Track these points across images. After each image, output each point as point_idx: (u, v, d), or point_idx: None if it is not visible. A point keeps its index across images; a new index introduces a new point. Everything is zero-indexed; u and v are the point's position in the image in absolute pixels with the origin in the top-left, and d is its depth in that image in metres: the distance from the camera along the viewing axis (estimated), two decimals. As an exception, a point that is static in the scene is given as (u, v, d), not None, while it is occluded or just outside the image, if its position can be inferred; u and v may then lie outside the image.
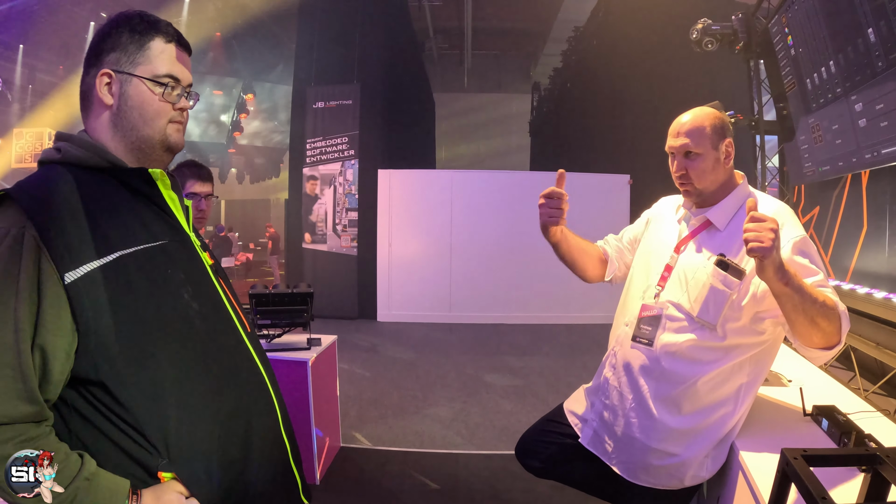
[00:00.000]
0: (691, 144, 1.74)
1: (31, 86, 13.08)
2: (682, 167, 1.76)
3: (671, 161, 1.82)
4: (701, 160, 1.74)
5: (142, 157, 1.19)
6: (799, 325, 1.46)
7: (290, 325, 3.41)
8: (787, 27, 3.80)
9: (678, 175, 1.79)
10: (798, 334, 1.51)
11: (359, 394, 5.07)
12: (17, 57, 12.54)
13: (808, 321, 1.43)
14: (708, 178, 1.75)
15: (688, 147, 1.74)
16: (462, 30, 16.39)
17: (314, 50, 9.19)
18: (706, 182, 1.75)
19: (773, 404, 2.01)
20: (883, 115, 2.73)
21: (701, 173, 1.75)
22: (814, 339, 1.48)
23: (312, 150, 8.87)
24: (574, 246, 2.06)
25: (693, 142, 1.74)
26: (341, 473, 3.51)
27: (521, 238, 8.32)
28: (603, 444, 1.88)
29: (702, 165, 1.74)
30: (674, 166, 1.80)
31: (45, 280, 0.99)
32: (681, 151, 1.76)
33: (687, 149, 1.75)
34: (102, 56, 1.15)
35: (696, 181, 1.75)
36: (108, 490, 1.00)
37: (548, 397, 5.00)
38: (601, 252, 2.17)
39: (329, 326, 4.78)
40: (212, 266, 1.27)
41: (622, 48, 9.70)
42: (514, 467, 2.99)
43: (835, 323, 1.46)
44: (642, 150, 8.73)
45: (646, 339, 1.77)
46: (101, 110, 1.16)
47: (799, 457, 1.12)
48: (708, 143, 1.74)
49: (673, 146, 1.79)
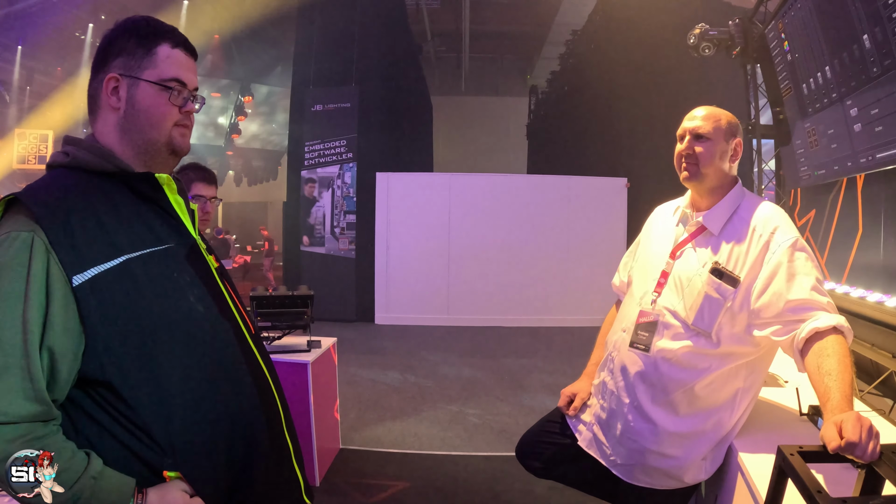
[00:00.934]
0: (706, 128, 1.76)
1: (28, 87, 13.08)
2: (692, 147, 1.77)
3: (680, 143, 1.82)
4: (711, 144, 1.75)
5: (148, 161, 1.20)
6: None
7: (291, 328, 3.42)
8: (784, 32, 3.83)
9: (686, 154, 1.79)
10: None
11: (358, 396, 5.08)
12: (16, 58, 12.54)
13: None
14: (712, 166, 1.76)
15: (701, 129, 1.76)
16: (460, 33, 16.45)
17: (312, 53, 9.22)
18: (710, 168, 1.76)
19: (769, 405, 2.03)
20: (878, 119, 2.76)
21: (709, 157, 1.75)
22: None
23: (311, 153, 8.89)
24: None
25: (709, 126, 1.76)
26: (341, 475, 3.52)
27: (519, 241, 8.35)
28: (601, 446, 1.90)
29: (711, 150, 1.75)
30: (683, 145, 1.80)
31: (53, 283, 1.00)
32: (694, 132, 1.78)
33: (700, 131, 1.76)
34: (110, 60, 1.17)
35: (702, 164, 1.76)
36: (113, 488, 1.01)
37: (546, 400, 5.02)
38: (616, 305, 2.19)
39: (327, 329, 4.79)
40: (217, 269, 1.29)
41: (619, 52, 9.74)
42: (513, 469, 3.01)
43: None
44: (640, 154, 8.77)
45: (643, 346, 1.78)
46: (109, 114, 1.18)
47: (795, 453, 1.14)
48: (721, 133, 1.76)
49: (687, 127, 1.80)
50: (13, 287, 0.98)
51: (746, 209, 1.76)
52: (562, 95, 14.82)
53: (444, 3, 14.83)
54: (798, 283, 1.57)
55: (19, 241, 1.00)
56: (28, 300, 0.98)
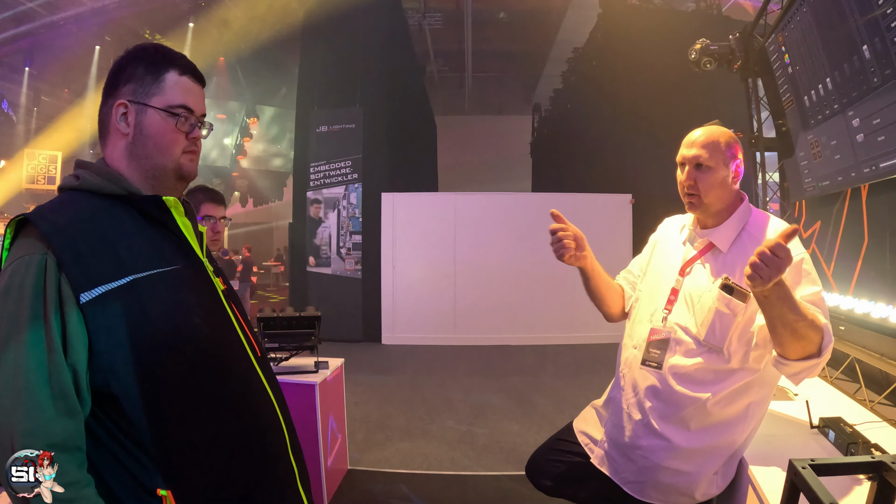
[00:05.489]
0: (705, 157, 1.75)
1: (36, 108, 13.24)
2: (692, 178, 1.77)
3: (680, 171, 1.82)
4: (711, 174, 1.75)
5: (156, 185, 1.22)
6: (780, 331, 1.47)
7: (298, 349, 3.42)
8: (784, 45, 3.86)
9: (687, 186, 1.79)
10: (777, 342, 1.51)
11: (365, 416, 5.06)
12: (23, 79, 12.71)
13: (790, 331, 1.45)
14: (715, 194, 1.76)
15: (701, 159, 1.75)
16: (462, 53, 16.58)
17: (317, 74, 9.30)
18: (712, 197, 1.76)
19: (780, 418, 2.02)
20: (880, 129, 2.76)
21: (710, 187, 1.75)
22: (793, 346, 1.49)
23: (316, 174, 8.94)
24: (603, 283, 2.05)
25: (707, 154, 1.75)
26: (349, 496, 3.50)
27: (525, 259, 8.33)
28: (613, 462, 1.89)
29: (711, 179, 1.75)
30: (683, 176, 1.80)
31: (65, 302, 1.03)
32: (693, 162, 1.77)
33: (700, 160, 1.75)
34: (119, 87, 1.20)
35: (704, 195, 1.76)
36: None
37: (555, 418, 4.98)
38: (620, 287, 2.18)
39: (334, 349, 4.78)
40: (224, 291, 1.30)
41: (621, 68, 9.80)
42: (522, 488, 2.98)
43: (815, 332, 1.47)
44: (644, 170, 8.78)
45: (655, 363, 1.78)
46: (118, 139, 1.21)
47: (807, 466, 1.13)
48: (721, 158, 1.75)
49: (686, 156, 1.79)
50: (32, 311, 1.01)
51: (755, 225, 1.76)
52: (565, 113, 14.91)
53: (447, 23, 14.97)
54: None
55: (34, 266, 1.03)
56: (48, 323, 1.01)
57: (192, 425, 1.12)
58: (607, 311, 2.10)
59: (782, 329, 1.46)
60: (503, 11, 14.27)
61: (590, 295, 2.08)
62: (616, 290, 2.10)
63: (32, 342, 1.00)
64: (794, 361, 1.51)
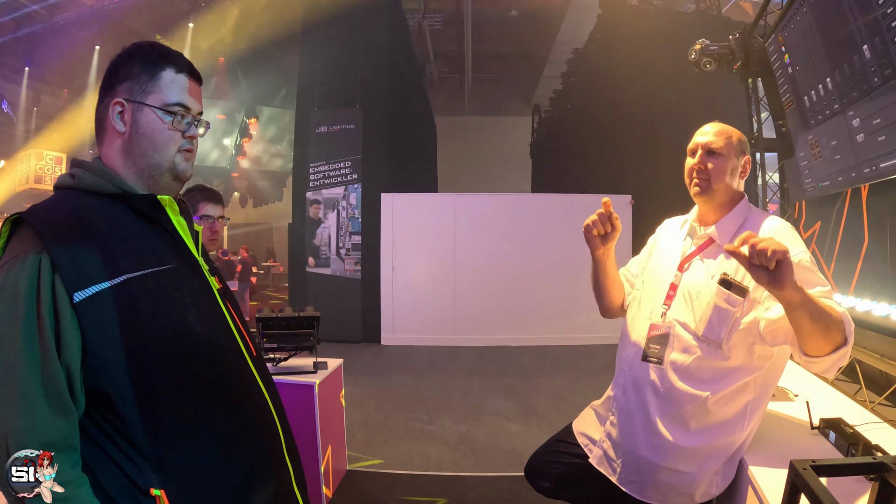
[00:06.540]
0: (719, 144, 1.78)
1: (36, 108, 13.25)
2: (704, 162, 1.79)
3: (691, 157, 1.84)
4: (723, 160, 1.78)
5: (151, 184, 1.22)
6: (809, 330, 1.42)
7: (297, 349, 3.41)
8: (784, 45, 3.85)
9: (697, 169, 1.81)
10: (807, 343, 1.47)
11: (364, 417, 5.06)
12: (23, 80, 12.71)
13: (821, 327, 1.41)
14: (723, 182, 1.78)
15: (714, 145, 1.78)
16: (462, 53, 16.57)
17: (317, 75, 9.30)
18: (720, 184, 1.78)
19: (780, 419, 2.01)
20: (880, 129, 2.76)
21: (720, 173, 1.78)
22: (824, 343, 1.45)
23: (316, 174, 8.93)
24: (610, 276, 2.05)
25: (721, 142, 1.78)
26: (348, 497, 3.49)
27: (525, 260, 8.33)
28: (612, 463, 1.88)
29: (722, 165, 1.78)
30: (695, 160, 1.82)
31: (59, 301, 1.02)
32: (706, 148, 1.80)
33: (712, 147, 1.79)
34: (116, 85, 1.20)
35: (714, 180, 1.78)
36: None
37: (554, 419, 4.98)
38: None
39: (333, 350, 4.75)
40: (219, 290, 1.30)
41: (621, 69, 9.79)
42: (521, 489, 2.97)
43: (838, 323, 1.44)
44: (643, 170, 8.78)
45: (655, 359, 1.79)
46: (114, 138, 1.20)
47: (808, 467, 1.13)
48: (733, 149, 1.79)
49: (699, 142, 1.82)
50: (26, 311, 1.01)
51: (753, 222, 1.77)
52: (564, 113, 14.90)
53: (447, 24, 14.96)
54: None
55: (28, 265, 1.03)
56: (41, 322, 1.01)
57: (186, 425, 1.12)
58: (608, 304, 2.10)
59: (811, 328, 1.41)
60: (514, 10, 14.19)
61: (595, 284, 2.09)
62: (620, 284, 2.11)
63: (26, 341, 0.99)
64: (825, 357, 1.47)
